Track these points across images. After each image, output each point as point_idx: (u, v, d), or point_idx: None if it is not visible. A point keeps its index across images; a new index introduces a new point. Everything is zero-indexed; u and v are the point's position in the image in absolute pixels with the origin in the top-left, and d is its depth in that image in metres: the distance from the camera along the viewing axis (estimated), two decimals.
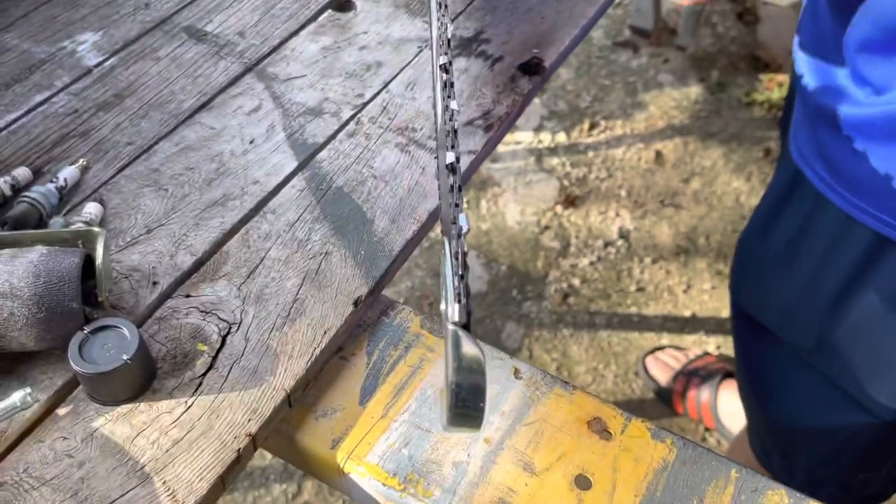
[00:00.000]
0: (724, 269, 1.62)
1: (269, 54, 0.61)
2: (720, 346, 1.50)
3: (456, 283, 0.27)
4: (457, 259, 0.28)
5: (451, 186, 0.31)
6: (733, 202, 1.73)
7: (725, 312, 1.54)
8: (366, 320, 0.47)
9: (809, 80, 0.57)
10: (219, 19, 0.64)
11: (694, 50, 2.03)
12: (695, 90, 1.96)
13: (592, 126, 1.89)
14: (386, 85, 0.59)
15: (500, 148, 1.83)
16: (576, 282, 1.59)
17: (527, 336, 1.50)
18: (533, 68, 0.61)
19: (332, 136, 0.55)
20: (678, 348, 1.44)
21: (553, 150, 1.84)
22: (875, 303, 0.56)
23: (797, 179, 0.60)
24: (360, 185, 0.52)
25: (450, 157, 0.32)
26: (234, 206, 0.50)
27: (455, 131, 0.33)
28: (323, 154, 0.54)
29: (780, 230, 0.65)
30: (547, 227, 1.68)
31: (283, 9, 0.65)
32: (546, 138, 1.87)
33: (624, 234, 1.67)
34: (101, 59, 0.60)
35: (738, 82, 1.98)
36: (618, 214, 1.70)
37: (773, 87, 1.97)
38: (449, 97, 0.35)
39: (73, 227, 0.45)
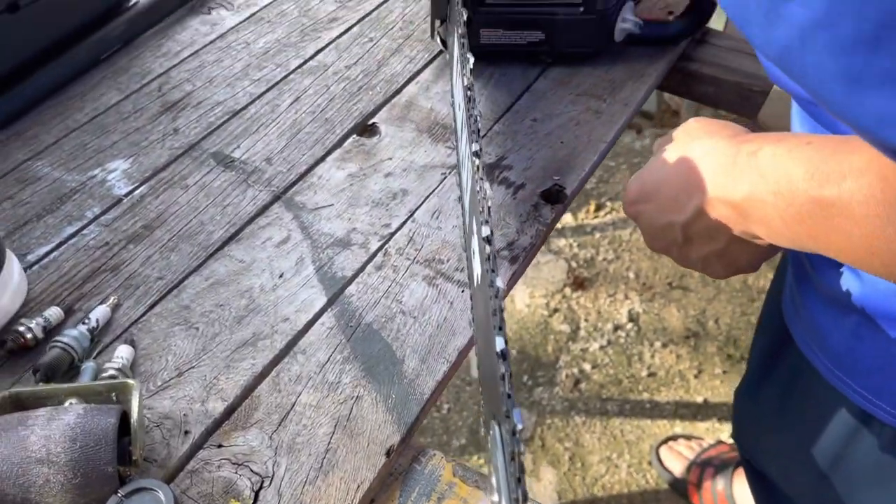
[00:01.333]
0: (735, 353, 1.61)
1: (296, 182, 0.62)
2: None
3: (513, 487, 0.27)
4: (513, 460, 0.28)
5: (502, 375, 0.31)
6: (741, 284, 1.73)
7: None
8: (397, 468, 0.47)
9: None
10: (246, 144, 0.65)
11: None
12: None
13: (598, 207, 1.91)
14: (412, 214, 0.60)
15: None
16: (587, 367, 1.58)
17: (539, 424, 1.49)
18: (555, 196, 0.62)
19: (361, 269, 0.55)
20: (691, 437, 1.43)
21: (560, 232, 1.85)
22: (858, 477, 0.55)
23: (785, 337, 0.58)
24: (389, 322, 0.52)
25: (499, 343, 0.32)
26: (264, 347, 0.50)
27: (501, 316, 0.33)
28: (352, 288, 0.54)
29: (770, 387, 0.64)
30: (556, 310, 1.68)
31: (309, 133, 0.67)
32: None
33: (633, 318, 1.66)
34: (131, 187, 0.61)
35: None
36: (626, 297, 1.70)
37: None
38: (493, 271, 0.36)
39: (107, 377, 0.45)
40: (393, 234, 0.58)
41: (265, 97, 0.70)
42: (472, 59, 0.55)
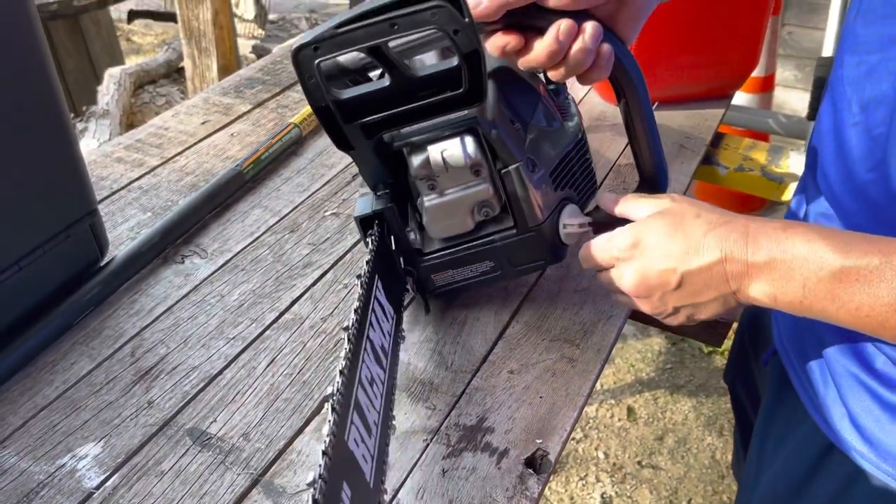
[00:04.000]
0: None
1: (275, 460, 0.61)
2: None
3: None
4: None
5: None
6: (710, 460, 1.73)
7: None
8: None
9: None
10: (222, 417, 0.64)
11: None
12: (657, 341, 2.03)
13: None
14: (396, 494, 0.59)
15: None
16: None
17: None
18: (539, 463, 0.61)
19: None
20: None
21: None
22: None
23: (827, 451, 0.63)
24: None
25: None
26: None
27: None
28: None
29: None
30: None
31: (287, 400, 0.66)
32: None
33: (606, 502, 1.63)
34: (102, 477, 0.59)
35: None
36: (598, 479, 1.67)
37: (730, 336, 2.06)
38: None
39: None
40: None
41: (241, 359, 0.70)
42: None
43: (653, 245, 0.59)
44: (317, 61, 0.58)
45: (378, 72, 0.67)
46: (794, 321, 0.68)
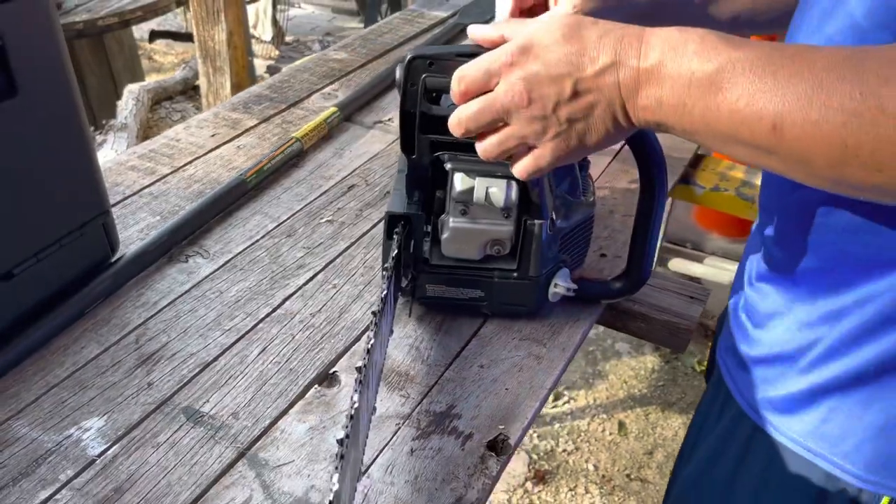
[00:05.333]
0: None
1: (260, 437, 0.67)
2: None
3: None
4: None
5: None
6: None
7: None
8: None
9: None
10: (215, 398, 0.71)
11: None
12: (650, 359, 2.07)
13: (557, 397, 1.96)
14: (367, 469, 0.65)
15: None
16: None
17: None
18: (500, 446, 0.67)
19: None
20: None
21: None
22: None
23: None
24: None
25: None
26: None
27: None
28: None
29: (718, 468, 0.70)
30: None
31: (274, 385, 0.73)
32: None
33: None
34: (104, 447, 0.65)
35: (691, 350, 2.11)
36: (587, 491, 1.72)
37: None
38: None
39: None
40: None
41: (235, 348, 0.77)
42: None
43: (546, 46, 0.52)
44: (424, 75, 0.66)
45: (439, 96, 0.76)
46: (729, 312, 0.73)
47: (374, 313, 0.61)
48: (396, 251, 0.71)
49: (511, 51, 0.53)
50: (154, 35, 3.33)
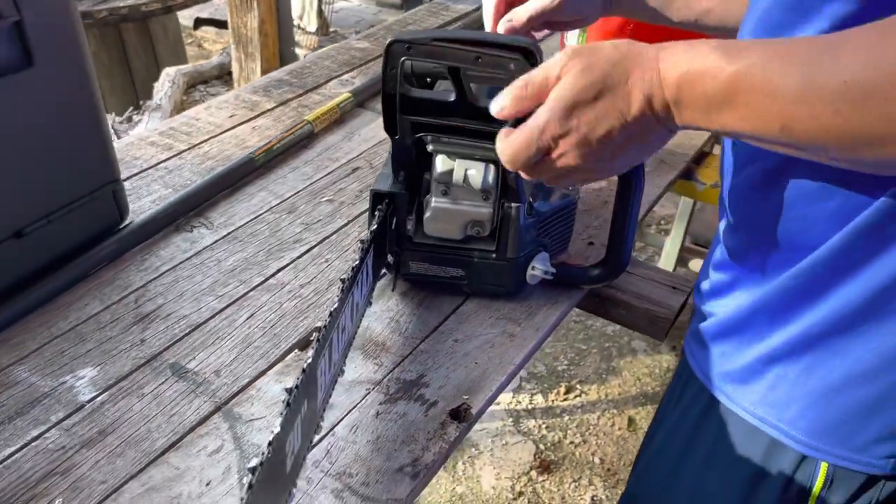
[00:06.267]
0: None
1: (237, 393, 0.72)
2: None
3: None
4: None
5: None
6: None
7: None
8: None
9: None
10: (201, 356, 0.76)
11: None
12: (666, 358, 2.07)
13: (569, 390, 1.98)
14: (333, 427, 0.69)
15: None
16: None
17: None
18: (462, 415, 0.71)
19: None
20: None
21: (530, 412, 1.92)
22: None
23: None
24: None
25: None
26: None
27: None
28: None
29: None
30: (521, 494, 1.71)
31: (257, 348, 0.77)
32: (524, 400, 1.95)
33: None
34: (94, 394, 0.71)
35: None
36: (591, 483, 1.73)
37: None
38: None
39: None
40: (312, 446, 0.67)
41: (225, 312, 0.81)
42: None
43: (584, 109, 0.55)
44: (403, 58, 0.70)
45: (434, 81, 0.79)
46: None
47: (341, 280, 0.65)
48: (375, 227, 0.75)
49: (554, 122, 0.55)
50: (199, 22, 3.43)
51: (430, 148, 0.77)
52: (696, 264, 2.02)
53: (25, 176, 0.77)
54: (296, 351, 0.77)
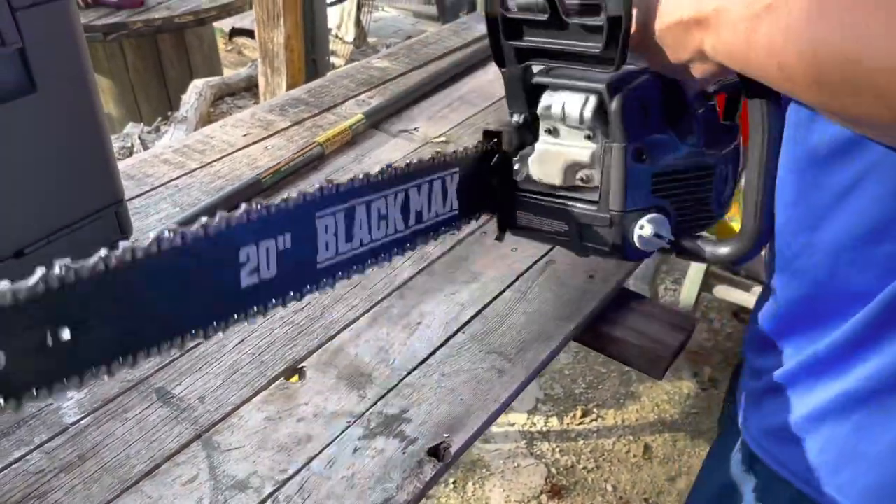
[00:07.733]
0: None
1: (219, 421, 0.72)
2: None
3: None
4: None
5: None
6: None
7: None
8: None
9: None
10: (187, 381, 0.76)
11: (689, 344, 2.14)
12: (687, 385, 2.03)
13: (585, 413, 1.95)
14: (309, 462, 0.69)
15: (494, 428, 1.89)
16: None
17: None
18: (441, 454, 0.70)
19: None
20: None
21: (545, 435, 1.90)
22: None
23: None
24: None
25: None
26: None
27: None
28: None
29: None
30: None
31: (244, 374, 0.77)
32: (539, 422, 1.93)
33: None
34: (79, 416, 0.72)
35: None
36: None
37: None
38: None
39: None
40: (287, 480, 0.67)
41: (216, 336, 0.82)
42: None
43: None
44: None
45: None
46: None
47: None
48: (466, 154, 0.69)
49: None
50: (234, 32, 3.49)
51: (534, 81, 0.69)
52: (721, 290, 1.98)
53: (26, 197, 0.79)
54: (281, 379, 0.78)
